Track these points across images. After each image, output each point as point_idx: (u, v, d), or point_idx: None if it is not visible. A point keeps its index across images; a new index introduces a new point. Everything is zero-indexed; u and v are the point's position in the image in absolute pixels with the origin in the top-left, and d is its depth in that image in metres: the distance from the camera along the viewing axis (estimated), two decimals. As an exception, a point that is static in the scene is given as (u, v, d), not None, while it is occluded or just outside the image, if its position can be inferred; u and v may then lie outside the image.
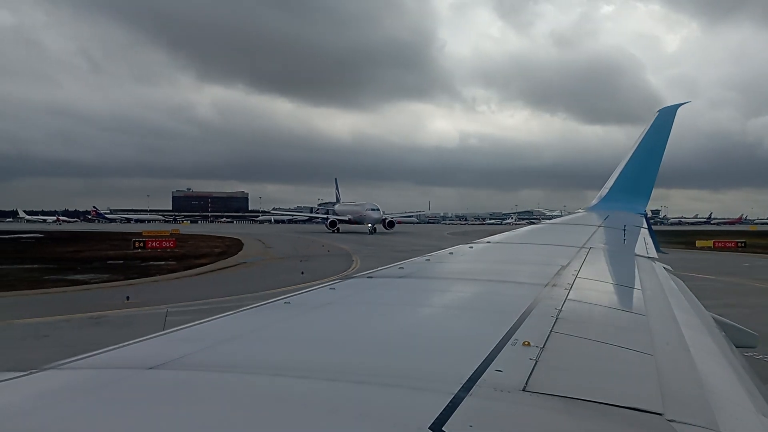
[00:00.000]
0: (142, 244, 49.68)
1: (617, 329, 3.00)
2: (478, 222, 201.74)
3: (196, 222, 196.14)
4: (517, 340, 2.34)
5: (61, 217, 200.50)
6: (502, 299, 3.54)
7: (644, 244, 7.61)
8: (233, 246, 55.79)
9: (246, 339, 2.48)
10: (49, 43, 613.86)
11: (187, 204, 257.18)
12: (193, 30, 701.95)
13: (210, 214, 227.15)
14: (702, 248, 59.97)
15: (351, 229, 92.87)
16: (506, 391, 1.79)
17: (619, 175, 11.68)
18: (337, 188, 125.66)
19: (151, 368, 1.92)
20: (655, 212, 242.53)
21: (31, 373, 1.87)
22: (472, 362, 1.99)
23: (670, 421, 1.70)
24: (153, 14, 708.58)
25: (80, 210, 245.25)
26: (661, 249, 8.12)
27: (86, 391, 1.76)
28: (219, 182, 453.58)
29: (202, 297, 22.91)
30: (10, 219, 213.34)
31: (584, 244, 6.50)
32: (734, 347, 3.43)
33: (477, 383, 1.80)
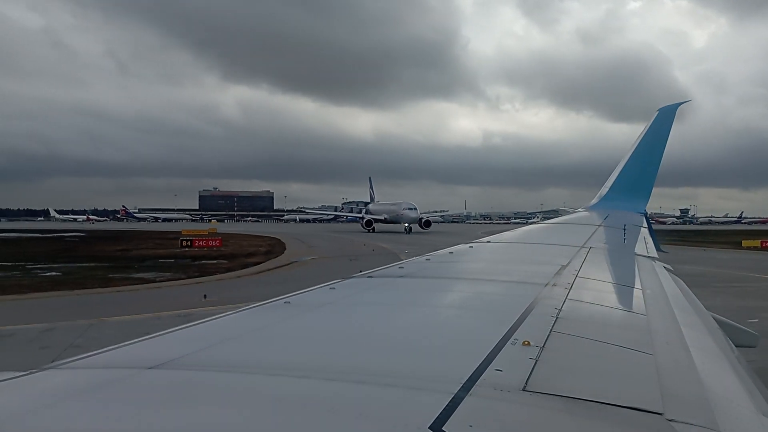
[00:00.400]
0: (189, 243, 50.04)
1: (617, 329, 2.99)
2: (503, 221, 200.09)
3: (223, 221, 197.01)
4: (517, 339, 2.34)
5: (91, 216, 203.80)
6: (502, 299, 3.53)
7: (644, 243, 7.54)
8: (275, 245, 56.16)
9: (246, 339, 2.47)
10: (77, 46, 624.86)
11: (213, 203, 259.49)
12: (219, 31, 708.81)
13: (236, 213, 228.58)
14: (749, 248, 58.76)
15: (386, 228, 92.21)
16: (506, 390, 1.78)
17: (619, 174, 11.63)
18: (371, 187, 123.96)
19: (151, 368, 1.91)
20: (684, 211, 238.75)
21: (31, 373, 1.86)
22: (472, 362, 1.99)
23: (670, 420, 1.69)
24: (179, 16, 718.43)
25: (109, 209, 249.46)
26: (662, 248, 8.06)
27: (86, 391, 1.75)
28: (243, 181, 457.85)
29: (274, 294, 23.01)
30: (42, 218, 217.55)
31: (584, 243, 6.44)
32: (734, 347, 3.42)
33: (477, 383, 1.80)
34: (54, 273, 31.83)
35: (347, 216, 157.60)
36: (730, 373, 2.64)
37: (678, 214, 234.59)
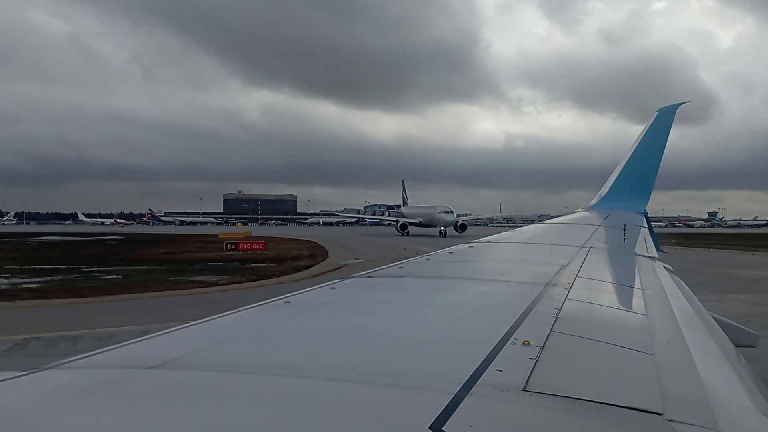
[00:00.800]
0: (233, 246, 50.48)
1: (617, 329, 2.99)
2: (527, 224, 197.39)
3: (247, 224, 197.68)
4: (517, 339, 2.34)
5: (118, 220, 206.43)
6: (502, 299, 3.52)
7: (644, 243, 7.56)
8: (316, 248, 56.23)
9: (246, 339, 2.48)
10: (103, 52, 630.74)
11: (237, 207, 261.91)
12: (242, 36, 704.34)
13: (260, 217, 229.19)
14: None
15: (420, 231, 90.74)
16: (506, 390, 1.79)
17: (619, 174, 11.70)
18: (404, 190, 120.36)
19: (151, 368, 1.92)
20: (712, 214, 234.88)
21: (31, 373, 1.87)
22: (472, 362, 1.99)
23: (670, 421, 1.69)
24: (203, 22, 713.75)
25: (135, 212, 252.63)
26: (662, 248, 8.06)
27: (86, 391, 1.75)
28: (266, 185, 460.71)
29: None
30: (70, 221, 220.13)
31: (584, 243, 6.43)
32: (734, 347, 3.42)
33: (477, 383, 1.80)
34: (114, 276, 32.10)
35: (370, 219, 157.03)
36: (730, 373, 2.64)
37: (706, 217, 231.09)
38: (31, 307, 21.55)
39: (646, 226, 9.64)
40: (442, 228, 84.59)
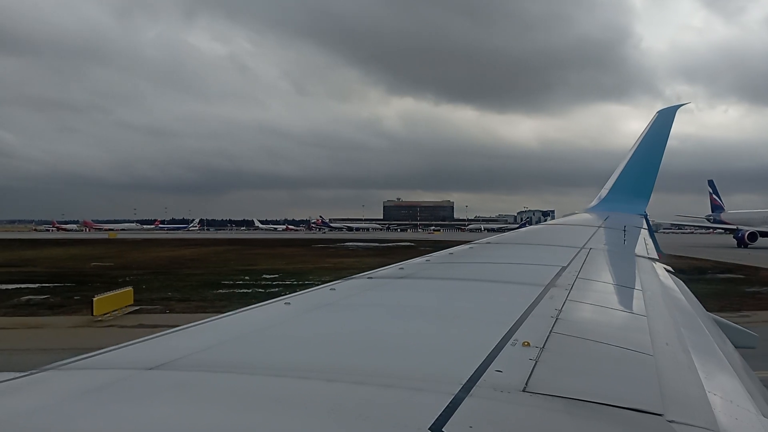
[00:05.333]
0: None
1: (617, 329, 3.01)
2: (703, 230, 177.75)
3: (406, 230, 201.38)
4: (517, 340, 2.35)
5: (289, 226, 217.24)
6: (502, 299, 3.54)
7: (644, 244, 7.60)
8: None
9: (246, 339, 2.49)
10: (256, 70, 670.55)
11: (397, 213, 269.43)
12: (384, 46, 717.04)
13: (419, 223, 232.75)
14: None
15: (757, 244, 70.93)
16: (506, 391, 1.79)
17: (619, 176, 11.71)
18: (716, 193, 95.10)
19: (151, 368, 1.93)
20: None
21: (31, 374, 1.88)
22: (472, 362, 2.00)
23: (670, 422, 1.70)
24: (347, 36, 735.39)
25: (296, 219, 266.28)
26: (661, 250, 8.13)
27: (86, 391, 1.75)
28: (406, 191, 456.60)
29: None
30: (244, 227, 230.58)
31: (584, 244, 6.50)
32: (734, 347, 3.44)
33: (477, 384, 1.81)
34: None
35: (728, 228, 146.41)
36: (730, 373, 2.64)
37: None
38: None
39: (646, 227, 9.72)
40: None
